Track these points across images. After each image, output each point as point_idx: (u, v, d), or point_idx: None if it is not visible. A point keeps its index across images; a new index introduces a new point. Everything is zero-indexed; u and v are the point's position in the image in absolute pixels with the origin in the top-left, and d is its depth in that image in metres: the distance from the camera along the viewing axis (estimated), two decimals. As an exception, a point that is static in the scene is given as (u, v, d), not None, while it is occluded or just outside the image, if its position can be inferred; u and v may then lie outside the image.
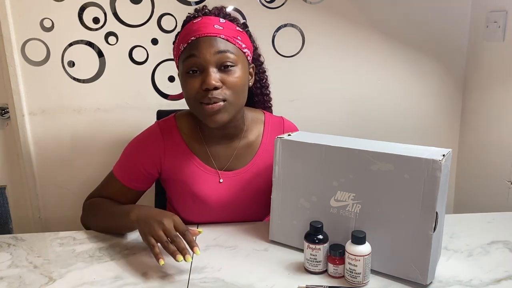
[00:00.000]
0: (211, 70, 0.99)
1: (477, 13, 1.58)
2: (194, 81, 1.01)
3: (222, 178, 1.12)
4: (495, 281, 0.88)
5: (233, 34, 1.03)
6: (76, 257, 1.00)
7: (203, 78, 1.00)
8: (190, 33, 1.02)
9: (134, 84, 1.55)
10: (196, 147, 1.12)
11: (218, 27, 1.02)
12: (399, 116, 1.69)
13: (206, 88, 0.99)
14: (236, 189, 1.13)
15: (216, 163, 1.13)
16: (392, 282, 0.88)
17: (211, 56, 0.99)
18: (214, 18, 1.04)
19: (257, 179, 1.14)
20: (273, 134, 1.14)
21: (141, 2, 1.48)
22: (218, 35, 1.01)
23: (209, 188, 1.11)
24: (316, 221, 0.92)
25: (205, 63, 0.99)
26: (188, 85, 1.02)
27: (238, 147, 1.13)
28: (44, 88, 1.52)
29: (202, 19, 1.03)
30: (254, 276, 0.91)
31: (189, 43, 1.01)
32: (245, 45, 1.06)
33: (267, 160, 1.13)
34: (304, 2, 1.54)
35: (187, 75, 1.02)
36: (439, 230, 0.88)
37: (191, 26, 1.03)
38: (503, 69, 1.45)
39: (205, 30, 1.00)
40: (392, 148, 0.89)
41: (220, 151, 1.13)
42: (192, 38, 1.00)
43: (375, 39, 1.60)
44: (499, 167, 1.47)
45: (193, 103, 1.03)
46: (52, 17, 1.46)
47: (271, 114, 1.23)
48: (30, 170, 1.57)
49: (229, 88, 1.01)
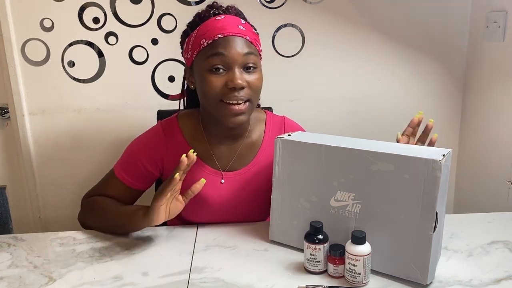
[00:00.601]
0: (237, 69, 1.00)
1: (477, 13, 1.58)
2: (218, 79, 1.00)
3: (224, 178, 1.12)
4: (495, 281, 0.88)
5: (254, 37, 1.04)
6: (76, 257, 1.00)
7: (230, 77, 0.99)
8: (215, 30, 1.00)
9: (134, 84, 1.55)
10: (198, 148, 1.11)
11: (241, 27, 1.02)
12: (399, 116, 1.68)
13: (233, 87, 0.99)
14: (237, 189, 1.13)
15: (219, 164, 1.12)
16: (392, 282, 0.88)
17: (239, 56, 0.99)
18: (236, 18, 1.04)
19: (257, 178, 1.13)
20: (274, 134, 1.14)
21: (141, 2, 1.48)
22: (244, 36, 1.01)
23: (210, 188, 1.11)
24: (316, 221, 0.92)
25: (232, 62, 0.99)
26: (211, 82, 1.00)
27: (240, 147, 1.13)
28: (44, 88, 1.52)
29: (226, 18, 1.02)
30: (254, 276, 0.91)
31: (215, 40, 0.99)
32: (261, 48, 1.08)
33: (268, 160, 1.13)
34: (304, 2, 1.54)
35: (210, 72, 1.00)
36: (439, 230, 0.88)
37: (215, 23, 1.01)
38: (503, 69, 1.45)
39: (232, 30, 1.00)
40: (392, 148, 0.89)
41: (222, 152, 1.13)
42: (219, 36, 0.99)
43: (375, 39, 1.60)
44: (499, 167, 1.47)
45: (214, 101, 1.02)
46: (52, 17, 1.46)
47: (272, 113, 1.23)
48: (30, 170, 1.57)
49: (252, 89, 1.02)
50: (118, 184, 1.12)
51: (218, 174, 1.12)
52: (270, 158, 1.11)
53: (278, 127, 1.18)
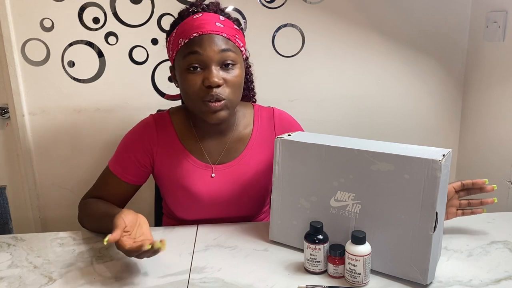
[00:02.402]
0: (214, 67, 1.00)
1: (477, 13, 1.58)
2: (195, 77, 1.01)
3: (214, 172, 1.13)
4: (495, 281, 0.88)
5: (233, 33, 1.04)
6: (76, 257, 1.00)
7: (206, 76, 1.00)
8: (191, 28, 1.01)
9: (134, 84, 1.55)
10: (189, 142, 1.13)
11: (219, 24, 1.02)
12: (399, 116, 1.69)
13: (209, 85, 0.99)
14: (227, 181, 1.13)
15: (209, 157, 1.13)
16: (392, 282, 0.88)
17: (215, 54, 1.00)
18: (214, 15, 1.04)
19: (247, 170, 1.14)
20: (263, 126, 1.17)
21: (141, 2, 1.48)
22: (221, 33, 1.01)
23: (201, 182, 1.12)
24: (316, 221, 0.92)
25: (208, 61, 1.00)
26: (189, 81, 1.02)
27: (229, 141, 1.14)
28: (44, 88, 1.52)
29: (203, 15, 1.03)
30: (254, 276, 0.91)
31: (191, 39, 1.00)
32: (242, 44, 1.07)
33: (257, 152, 1.15)
34: (304, 2, 1.54)
35: (188, 71, 1.01)
36: (439, 230, 0.88)
37: (192, 22, 1.02)
38: (503, 69, 1.45)
39: (208, 27, 1.00)
40: (392, 148, 0.89)
41: (212, 146, 1.14)
42: (195, 35, 1.00)
43: (375, 39, 1.60)
44: (499, 167, 1.47)
45: (194, 100, 1.03)
46: (52, 17, 1.46)
47: (260, 106, 1.23)
48: (30, 170, 1.57)
49: (230, 86, 1.02)
50: (113, 179, 1.13)
51: (208, 168, 1.13)
52: (260, 150, 1.13)
53: (267, 118, 1.19)
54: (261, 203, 1.20)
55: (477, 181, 1.03)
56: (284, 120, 1.20)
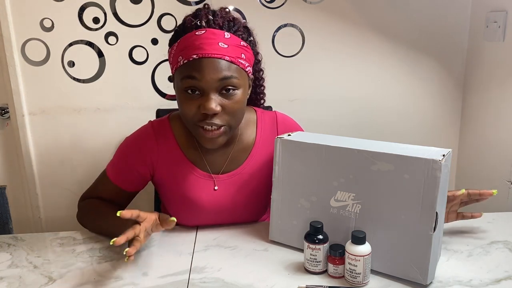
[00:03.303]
0: (212, 95, 0.95)
1: (477, 13, 1.58)
2: (192, 102, 0.96)
3: (217, 184, 1.10)
4: (495, 281, 0.88)
5: (237, 54, 0.97)
6: (76, 257, 1.00)
7: (203, 102, 0.95)
8: (192, 48, 0.94)
9: (134, 84, 1.55)
10: (190, 152, 1.09)
11: (223, 45, 0.95)
12: (399, 116, 1.69)
13: (205, 113, 0.95)
14: (230, 192, 1.10)
15: (211, 168, 1.10)
16: (392, 282, 0.88)
17: (214, 82, 0.94)
18: (219, 33, 0.96)
19: (251, 179, 1.11)
20: (267, 132, 1.13)
21: (141, 2, 1.48)
22: (223, 56, 0.94)
23: (203, 193, 1.09)
24: (316, 221, 0.92)
25: (206, 88, 0.94)
26: (185, 105, 0.97)
27: (232, 151, 1.11)
28: (44, 88, 1.52)
29: (206, 33, 0.95)
30: (254, 276, 0.91)
31: (190, 60, 0.94)
32: (248, 64, 1.00)
33: (261, 160, 1.11)
34: (304, 2, 1.54)
35: (185, 93, 0.96)
36: (439, 230, 0.88)
37: (194, 40, 0.95)
38: (503, 69, 1.45)
39: (209, 50, 0.93)
40: (392, 148, 0.89)
41: (215, 156, 1.10)
42: (194, 57, 0.93)
43: (375, 39, 1.60)
44: (499, 167, 1.47)
45: (190, 123, 1.00)
46: (52, 17, 1.46)
47: (263, 110, 1.18)
48: (30, 170, 1.57)
49: (228, 113, 0.97)
50: (110, 185, 1.11)
51: (210, 178, 1.09)
52: (264, 158, 1.11)
53: (270, 124, 1.15)
54: (263, 208, 1.17)
55: (484, 192, 1.03)
56: (287, 124, 1.16)
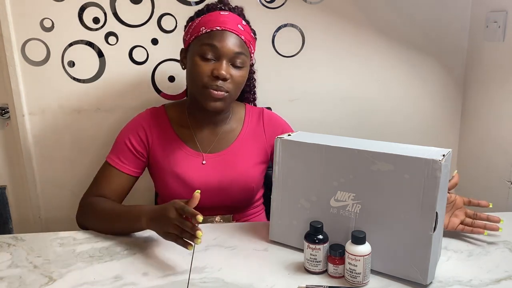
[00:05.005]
0: (225, 62, 1.09)
1: (477, 13, 1.58)
2: (206, 66, 1.09)
3: (205, 159, 1.19)
4: (495, 281, 0.88)
5: (249, 39, 1.14)
6: (76, 257, 1.00)
7: (216, 67, 1.08)
8: (216, 22, 1.09)
9: (134, 84, 1.55)
10: (182, 132, 1.21)
11: (240, 27, 1.12)
12: (399, 116, 1.69)
13: (217, 76, 1.07)
14: (217, 169, 1.19)
15: (200, 146, 1.20)
16: (392, 282, 0.88)
17: (230, 52, 1.09)
18: (239, 18, 1.13)
19: (236, 161, 1.20)
20: (253, 123, 1.26)
21: (141, 2, 1.48)
22: (241, 35, 1.11)
23: (192, 169, 1.18)
24: (316, 221, 0.92)
25: (222, 55, 1.09)
26: (200, 67, 1.09)
27: (221, 132, 1.22)
28: (44, 88, 1.52)
29: (230, 14, 1.12)
30: (254, 276, 0.91)
31: (213, 30, 1.09)
32: (253, 51, 1.18)
33: (246, 145, 1.23)
34: (304, 2, 1.54)
35: (201, 58, 1.09)
36: (439, 230, 0.88)
37: (218, 17, 1.11)
38: (503, 69, 1.45)
39: (231, 26, 1.10)
40: (392, 148, 0.89)
41: (204, 135, 1.21)
42: (218, 28, 1.09)
43: (375, 39, 1.60)
44: (499, 167, 1.47)
45: (199, 84, 1.10)
46: (52, 17, 1.46)
47: (252, 106, 1.32)
48: (30, 170, 1.57)
49: (234, 83, 1.11)
50: (111, 172, 1.17)
51: (199, 156, 1.19)
52: (249, 143, 1.23)
53: (257, 117, 1.27)
54: (250, 195, 1.23)
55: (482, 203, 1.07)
56: (272, 119, 1.28)
